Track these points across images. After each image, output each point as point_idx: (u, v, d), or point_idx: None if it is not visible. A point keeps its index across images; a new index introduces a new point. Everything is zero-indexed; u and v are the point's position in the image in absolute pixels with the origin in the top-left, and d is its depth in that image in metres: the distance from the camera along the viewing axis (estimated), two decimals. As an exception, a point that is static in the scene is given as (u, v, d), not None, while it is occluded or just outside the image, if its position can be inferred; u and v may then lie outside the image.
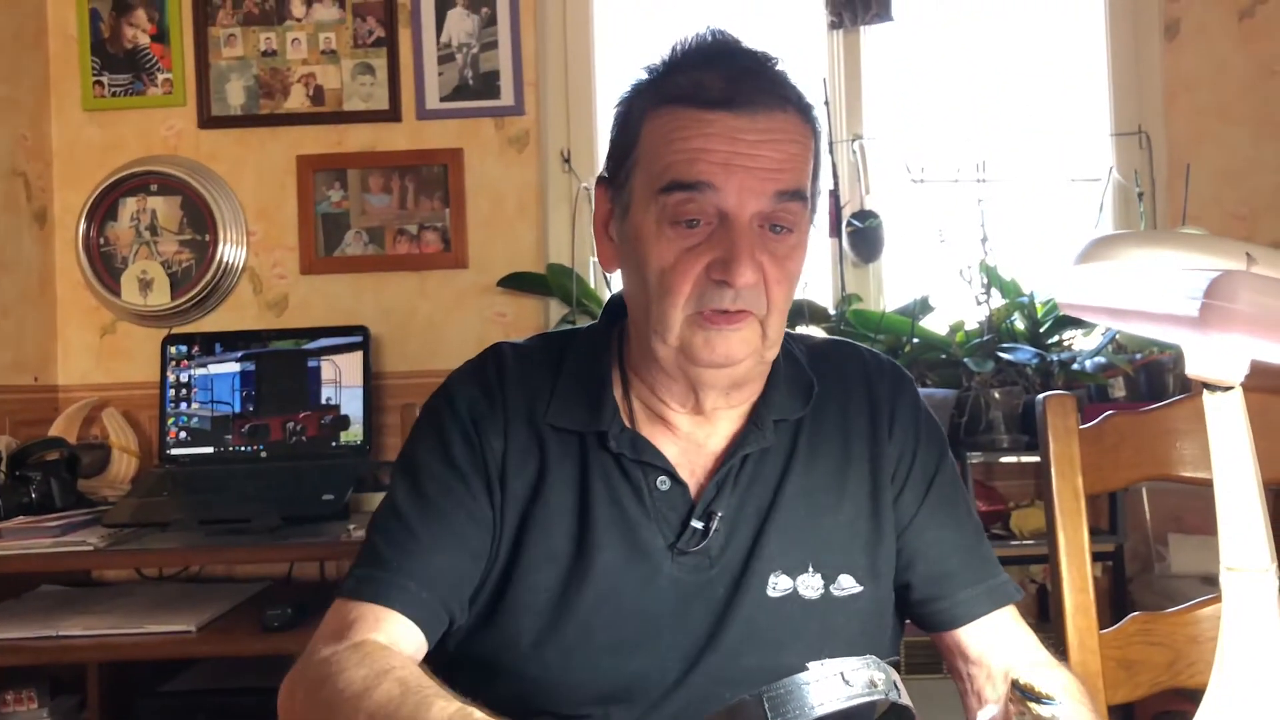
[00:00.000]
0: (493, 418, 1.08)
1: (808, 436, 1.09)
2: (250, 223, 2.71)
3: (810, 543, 1.05)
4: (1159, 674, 1.20)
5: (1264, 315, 0.40)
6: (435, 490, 1.06)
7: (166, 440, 2.48)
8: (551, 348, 1.15)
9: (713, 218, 0.98)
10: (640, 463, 1.06)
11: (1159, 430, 1.25)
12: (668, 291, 0.99)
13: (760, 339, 1.01)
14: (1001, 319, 2.36)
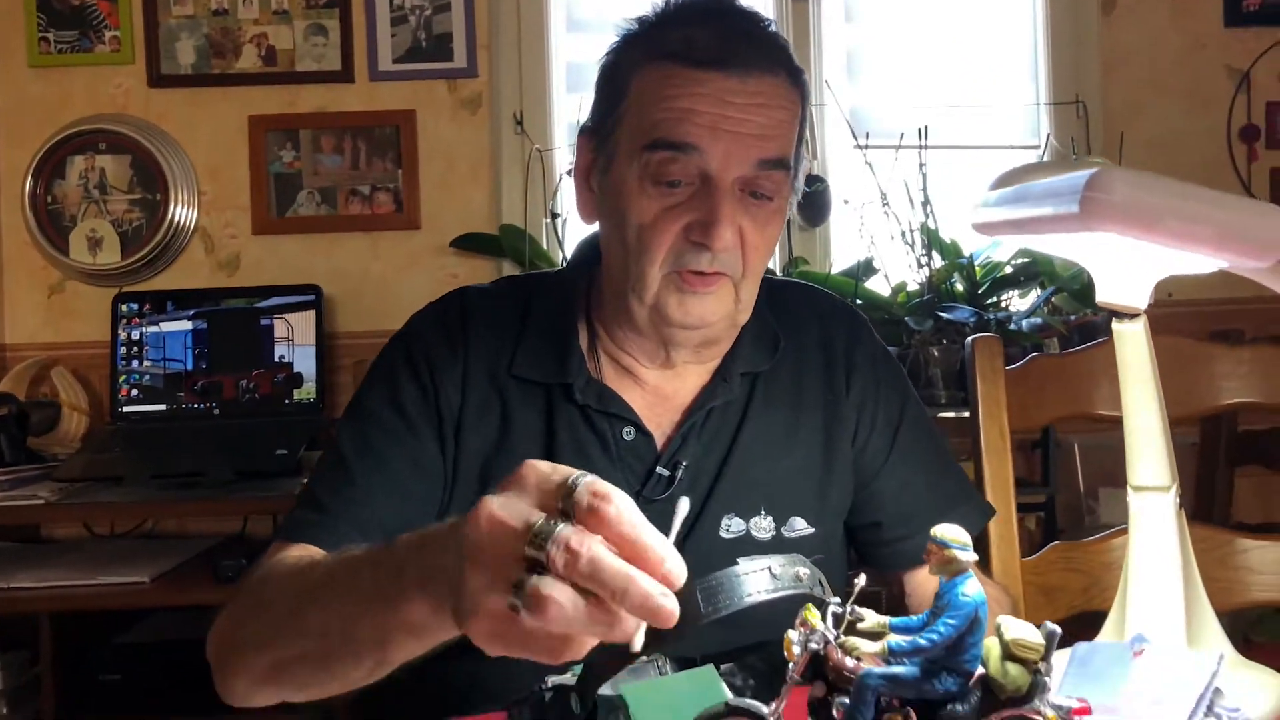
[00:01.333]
0: (451, 367, 1.08)
1: (764, 385, 1.12)
2: (202, 182, 2.70)
3: (763, 487, 1.09)
4: (1075, 598, 1.27)
5: (1136, 207, 0.45)
6: (379, 436, 1.07)
7: (118, 398, 2.48)
8: (518, 294, 1.15)
9: (695, 179, 0.99)
10: (606, 414, 1.08)
11: (1080, 372, 1.32)
12: (645, 250, 1.00)
13: (733, 302, 1.03)
14: (941, 280, 2.44)
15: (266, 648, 0.89)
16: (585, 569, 0.56)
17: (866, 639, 0.58)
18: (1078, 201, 0.47)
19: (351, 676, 0.80)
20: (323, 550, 0.99)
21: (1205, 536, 1.27)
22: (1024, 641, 0.56)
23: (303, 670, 0.85)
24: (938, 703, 0.57)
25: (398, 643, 0.71)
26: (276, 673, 0.89)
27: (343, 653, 0.77)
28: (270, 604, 0.91)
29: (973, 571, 0.58)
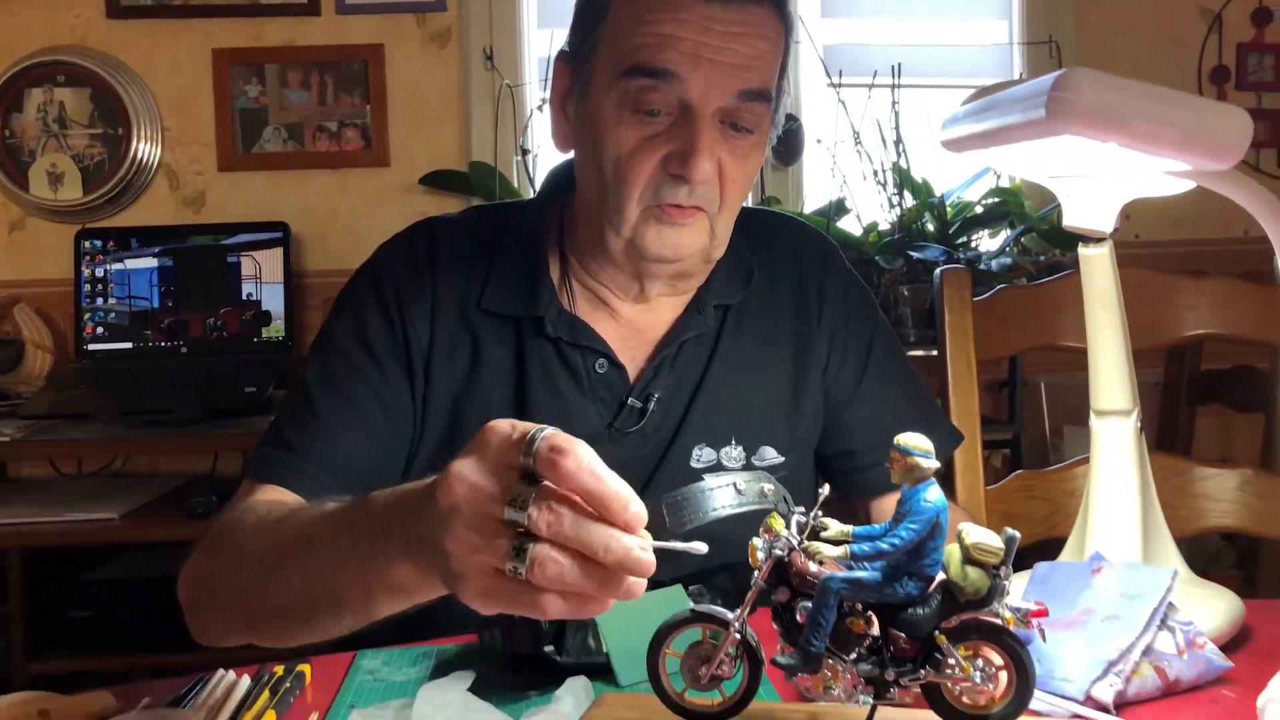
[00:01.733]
0: (420, 301, 1.06)
1: (735, 315, 1.12)
2: (165, 118, 2.64)
3: (734, 416, 1.09)
4: (1038, 525, 1.30)
5: (1103, 107, 0.46)
6: (344, 372, 1.05)
7: (83, 336, 2.45)
8: (487, 225, 1.12)
9: (674, 108, 0.96)
10: (578, 346, 1.06)
11: (1046, 303, 1.33)
12: (623, 182, 0.98)
13: (709, 237, 1.01)
14: (912, 219, 2.44)
15: (243, 600, 0.90)
16: (570, 530, 0.58)
17: (830, 546, 0.59)
18: (1044, 104, 0.47)
19: (332, 630, 0.82)
20: (292, 493, 0.99)
21: (1165, 465, 1.29)
22: (984, 545, 0.57)
23: (282, 623, 0.86)
24: (899, 606, 0.58)
25: (382, 602, 0.73)
26: (253, 622, 0.90)
27: (325, 609, 0.79)
28: (245, 556, 0.90)
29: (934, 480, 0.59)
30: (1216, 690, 0.84)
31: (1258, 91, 2.81)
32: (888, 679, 0.58)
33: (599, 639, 0.89)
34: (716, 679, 0.60)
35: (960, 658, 0.57)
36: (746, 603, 0.60)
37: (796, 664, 0.58)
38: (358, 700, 0.88)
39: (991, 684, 0.58)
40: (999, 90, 0.62)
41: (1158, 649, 0.84)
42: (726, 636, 0.60)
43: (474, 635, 0.98)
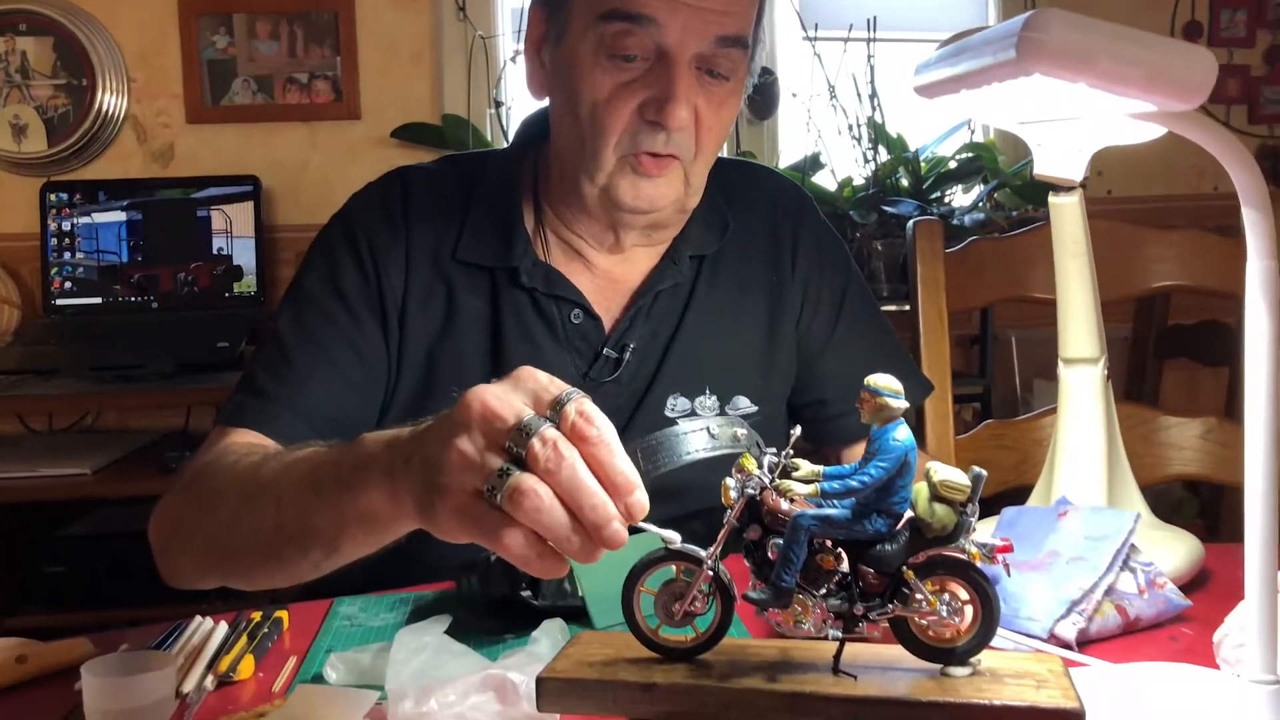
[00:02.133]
0: (394, 251, 1.05)
1: (710, 267, 1.12)
2: (130, 69, 2.60)
3: (708, 366, 1.09)
4: (1007, 474, 1.32)
5: (1072, 47, 0.46)
6: (317, 320, 1.04)
7: (51, 291, 2.42)
8: (461, 174, 1.11)
9: (650, 54, 0.95)
10: (554, 297, 1.06)
11: (1017, 255, 1.34)
12: (599, 128, 0.97)
13: (683, 186, 1.01)
14: (887, 174, 2.44)
15: (215, 538, 0.89)
16: (565, 473, 0.57)
17: (801, 484, 0.60)
18: (1015, 45, 0.47)
19: (299, 567, 0.80)
20: (266, 437, 0.99)
21: (1131, 414, 1.31)
22: (951, 483, 0.58)
23: (252, 560, 0.85)
24: (868, 543, 0.59)
25: (350, 534, 0.71)
26: (225, 561, 0.89)
27: (295, 543, 0.77)
28: (221, 494, 0.90)
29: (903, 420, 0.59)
30: (1175, 628, 0.86)
31: (1229, 47, 2.82)
32: (856, 613, 0.59)
33: (574, 583, 0.90)
34: (690, 615, 0.61)
35: (927, 592, 0.59)
36: (719, 540, 0.61)
37: (767, 599, 0.59)
38: (335, 644, 0.88)
39: (958, 618, 0.59)
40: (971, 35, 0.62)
41: (1119, 589, 0.86)
42: (699, 574, 0.61)
43: (451, 583, 0.99)
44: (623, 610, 0.62)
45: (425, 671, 0.78)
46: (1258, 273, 0.59)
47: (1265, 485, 0.61)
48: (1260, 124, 2.85)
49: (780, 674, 0.61)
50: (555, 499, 0.57)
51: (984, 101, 0.66)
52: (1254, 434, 0.60)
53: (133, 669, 0.65)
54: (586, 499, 0.57)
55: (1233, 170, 0.55)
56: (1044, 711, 0.56)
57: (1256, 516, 0.61)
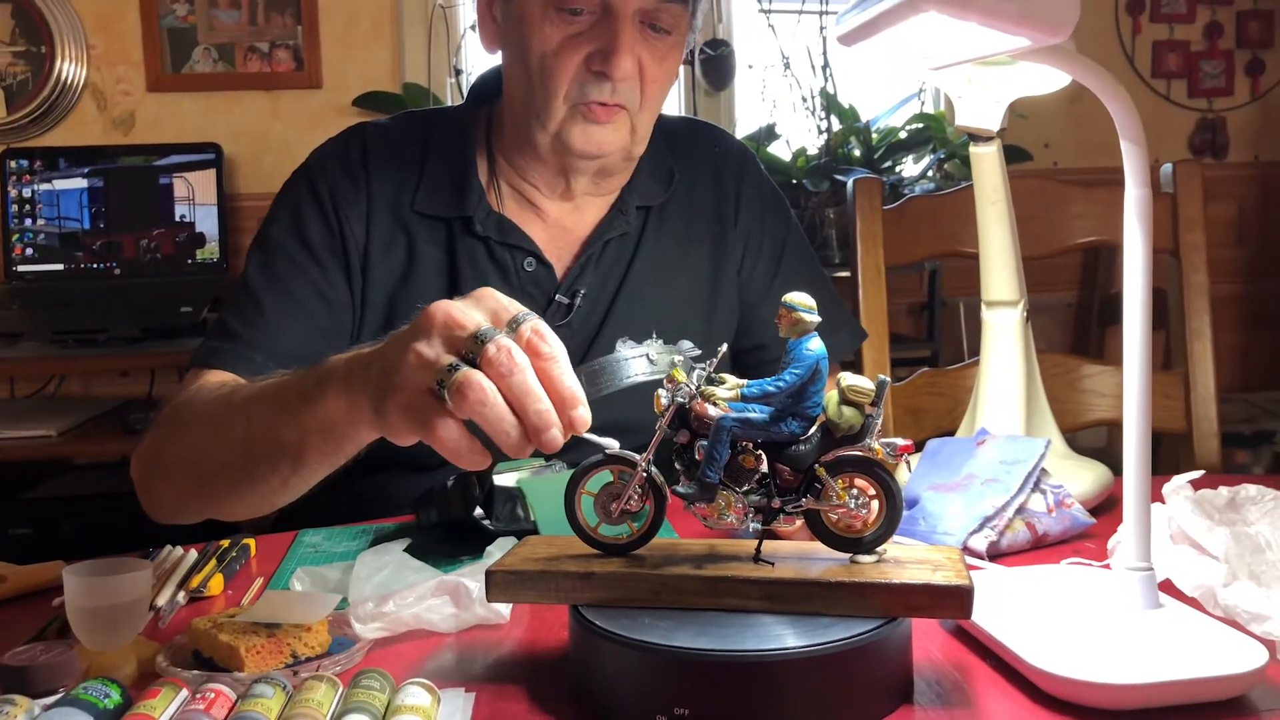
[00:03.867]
0: (355, 203, 1.11)
1: (656, 217, 1.18)
2: (90, 36, 2.61)
3: (655, 311, 1.15)
4: (940, 419, 1.39)
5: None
6: (285, 268, 1.09)
7: (11, 257, 2.43)
8: (418, 130, 1.16)
9: (596, 8, 1.01)
10: (507, 245, 1.12)
11: (953, 212, 1.41)
12: (549, 77, 1.03)
13: (630, 134, 1.07)
14: (839, 143, 2.51)
15: (191, 462, 0.93)
16: (517, 375, 0.62)
17: (725, 391, 0.66)
18: (905, -15, 0.53)
19: (270, 483, 0.85)
20: (239, 376, 1.03)
21: (1056, 362, 1.39)
22: (857, 387, 0.64)
23: (225, 480, 0.89)
24: (784, 443, 0.65)
25: (314, 444, 0.76)
26: (201, 485, 0.93)
27: (264, 460, 0.82)
28: (194, 422, 0.95)
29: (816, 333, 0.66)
30: (1080, 544, 0.94)
31: (1170, 23, 2.91)
32: (774, 507, 0.66)
33: (526, 508, 0.96)
34: (626, 513, 0.67)
35: (837, 488, 0.65)
36: (652, 444, 0.66)
37: (694, 494, 0.65)
38: (301, 567, 0.94)
39: (865, 510, 0.66)
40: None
41: (1030, 508, 0.93)
42: (634, 475, 0.67)
43: (410, 515, 1.04)
44: (565, 510, 0.68)
45: (386, 585, 0.84)
46: (1134, 200, 0.66)
47: (1139, 398, 0.68)
48: (1200, 97, 2.95)
49: (706, 564, 0.67)
50: (500, 397, 0.62)
51: (897, 46, 0.72)
52: (1132, 342, 0.67)
53: (111, 572, 0.70)
54: (533, 403, 0.63)
55: (1108, 103, 0.61)
56: (937, 588, 0.63)
57: (1133, 422, 0.67)
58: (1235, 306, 2.99)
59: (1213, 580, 0.75)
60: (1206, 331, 1.37)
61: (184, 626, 0.75)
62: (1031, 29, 0.54)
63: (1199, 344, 1.37)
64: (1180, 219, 1.38)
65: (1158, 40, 2.91)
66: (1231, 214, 3.00)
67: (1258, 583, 0.74)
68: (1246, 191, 3.02)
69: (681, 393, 0.66)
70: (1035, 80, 0.90)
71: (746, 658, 0.59)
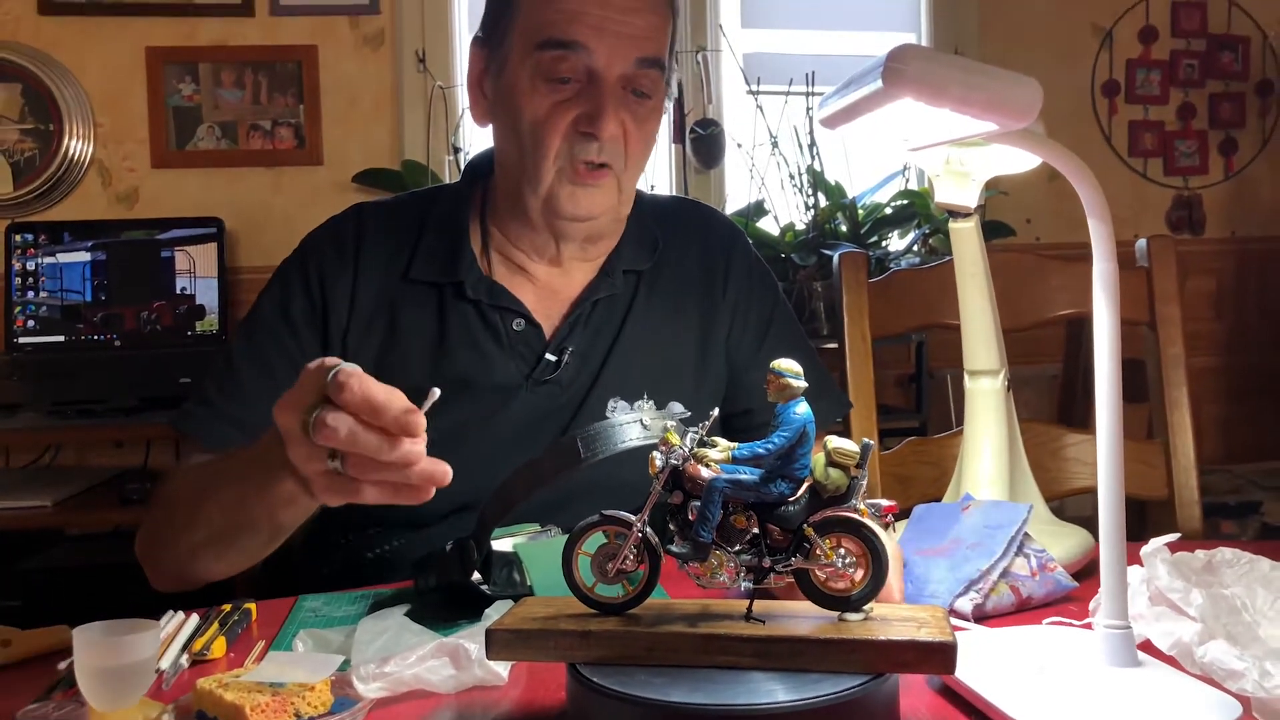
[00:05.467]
0: (341, 277, 1.17)
1: (647, 284, 1.24)
2: (97, 114, 2.68)
3: (645, 373, 1.20)
4: (928, 487, 1.42)
5: (927, 75, 0.57)
6: (265, 339, 1.16)
7: (13, 329, 2.46)
8: (419, 204, 1.24)
9: (582, 76, 1.09)
10: (497, 307, 1.17)
11: (938, 285, 1.45)
12: (539, 143, 1.10)
13: (616, 195, 1.14)
14: (826, 219, 2.58)
15: (180, 536, 1.03)
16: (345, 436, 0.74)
17: (717, 452, 0.69)
18: (881, 75, 0.58)
19: (254, 545, 0.99)
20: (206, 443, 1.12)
21: (1039, 431, 1.43)
22: (843, 450, 0.67)
23: (212, 548, 1.01)
24: (774, 504, 0.68)
25: (282, 512, 0.90)
26: (192, 554, 1.03)
27: (242, 528, 0.95)
28: (178, 505, 1.05)
29: (804, 398, 0.69)
30: (1064, 607, 0.96)
31: (1145, 104, 3.01)
32: (765, 566, 0.68)
33: (523, 573, 0.98)
34: (622, 573, 0.70)
35: (825, 547, 0.68)
36: (647, 506, 0.69)
37: (688, 553, 0.68)
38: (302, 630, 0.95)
39: (852, 569, 0.68)
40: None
41: (1014, 571, 0.96)
42: (630, 536, 0.69)
43: (408, 581, 1.06)
44: (562, 570, 0.71)
45: (388, 648, 0.86)
46: (1100, 273, 0.70)
47: (1112, 464, 0.71)
48: (1175, 175, 3.04)
49: (700, 622, 0.69)
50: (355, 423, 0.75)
51: (877, 129, 0.77)
52: (1102, 409, 0.71)
53: (120, 633, 0.72)
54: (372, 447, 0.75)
55: (1074, 182, 0.66)
56: (922, 645, 0.65)
57: (1106, 482, 0.71)
58: (1216, 379, 3.04)
59: (1190, 639, 0.77)
60: (1184, 401, 1.41)
61: (188, 689, 0.76)
62: (999, 115, 0.58)
63: (1178, 413, 1.41)
64: (1156, 292, 1.43)
65: (1134, 120, 3.01)
66: (1210, 288, 3.07)
67: (1233, 642, 0.76)
68: (1224, 266, 3.09)
69: (675, 455, 0.70)
70: (1009, 160, 0.95)
71: (739, 711, 0.61)
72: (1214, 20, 3.02)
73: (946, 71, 0.57)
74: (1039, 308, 1.44)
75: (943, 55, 0.58)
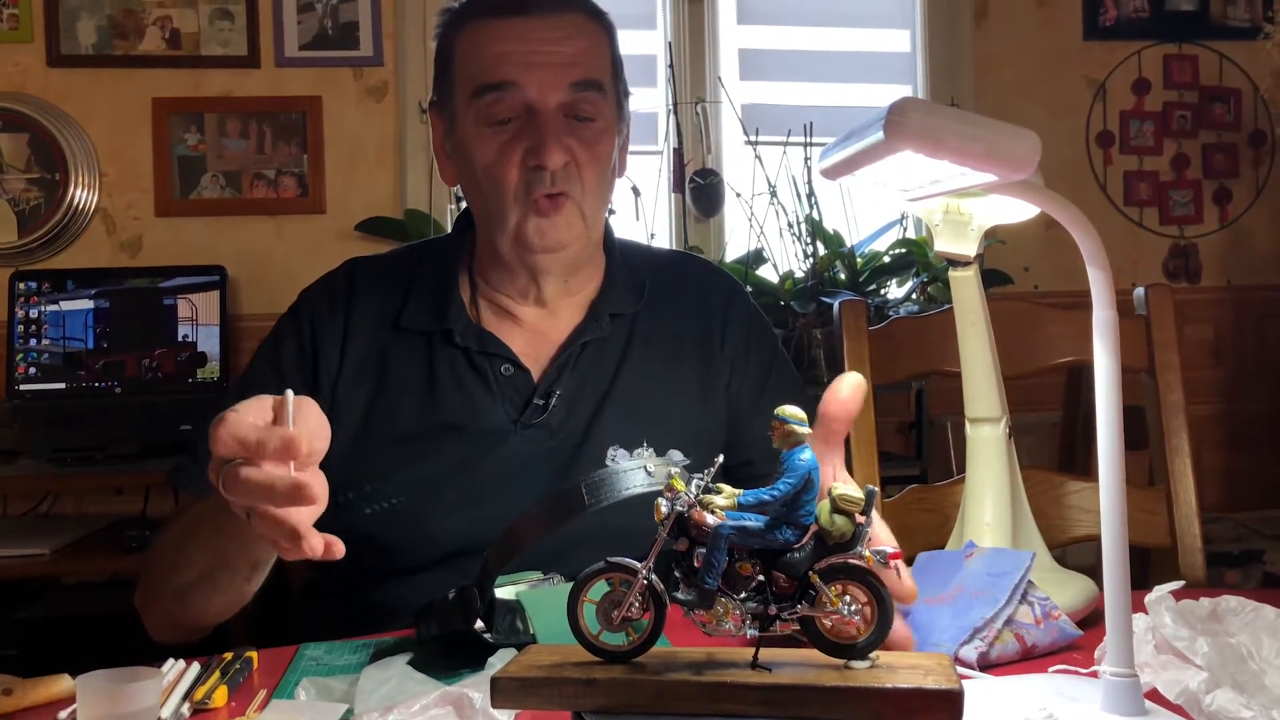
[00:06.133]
0: (333, 328, 1.20)
1: (643, 331, 1.25)
2: (103, 164, 2.71)
3: (645, 421, 1.20)
4: (931, 535, 1.41)
5: (926, 127, 0.58)
6: (256, 392, 1.17)
7: (15, 376, 2.47)
8: (412, 255, 1.28)
9: (521, 112, 1.13)
10: (486, 354, 1.20)
11: (935, 333, 1.47)
12: (496, 185, 1.14)
13: (581, 221, 1.16)
14: (824, 268, 2.59)
15: (168, 580, 1.07)
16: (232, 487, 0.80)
17: (723, 498, 0.70)
18: (882, 126, 0.59)
19: (235, 583, 1.02)
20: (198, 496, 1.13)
21: (1041, 479, 1.43)
22: (848, 496, 0.68)
23: (200, 590, 1.04)
24: (779, 551, 0.68)
25: (258, 549, 0.96)
26: (180, 597, 1.07)
27: (222, 566, 1.01)
28: (165, 554, 1.09)
29: (809, 444, 0.69)
30: (1068, 655, 0.95)
31: (1139, 155, 3.04)
32: (771, 614, 0.68)
33: (526, 621, 0.98)
34: (627, 620, 0.70)
35: (831, 595, 0.68)
36: (652, 553, 0.69)
37: (693, 600, 0.68)
38: (304, 679, 0.95)
39: (858, 617, 0.68)
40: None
41: (1018, 619, 0.96)
42: (635, 583, 0.69)
43: (410, 629, 1.06)
44: (567, 617, 0.71)
45: (391, 696, 0.86)
46: (1101, 321, 0.71)
47: (1115, 511, 0.71)
48: (1171, 224, 3.07)
49: (706, 670, 0.69)
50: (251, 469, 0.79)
51: (877, 180, 0.78)
52: (1105, 456, 0.71)
53: (124, 681, 0.72)
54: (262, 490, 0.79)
55: (1073, 231, 0.67)
56: (929, 693, 0.65)
57: (1110, 528, 0.71)
58: (1217, 426, 3.04)
59: (1196, 688, 0.77)
60: (1185, 448, 1.41)
61: (190, 737, 0.76)
62: (998, 166, 0.59)
63: (1179, 460, 1.41)
64: (1154, 340, 1.44)
65: (1128, 170, 3.04)
66: (1208, 336, 3.08)
67: (1240, 690, 0.76)
68: (1222, 314, 3.11)
69: (681, 501, 0.70)
70: (1007, 209, 0.97)
71: (746, 760, 0.61)
72: (1205, 73, 3.07)
73: (947, 124, 0.58)
74: (1038, 355, 1.45)
75: (943, 108, 0.60)
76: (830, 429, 0.85)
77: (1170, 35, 3.04)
